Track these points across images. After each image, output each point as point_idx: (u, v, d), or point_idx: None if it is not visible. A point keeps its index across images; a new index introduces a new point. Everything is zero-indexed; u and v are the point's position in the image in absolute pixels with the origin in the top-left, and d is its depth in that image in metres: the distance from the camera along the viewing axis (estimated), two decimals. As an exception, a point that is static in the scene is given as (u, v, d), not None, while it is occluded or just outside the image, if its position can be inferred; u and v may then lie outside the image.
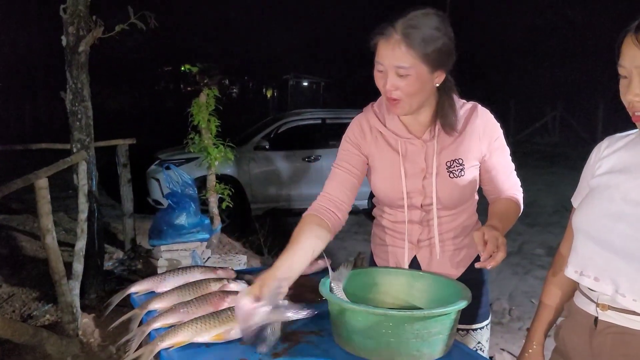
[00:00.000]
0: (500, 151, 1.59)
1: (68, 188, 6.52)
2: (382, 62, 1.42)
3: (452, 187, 1.55)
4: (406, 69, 1.39)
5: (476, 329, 1.68)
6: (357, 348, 1.26)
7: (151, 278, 1.71)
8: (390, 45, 1.39)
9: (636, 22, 1.05)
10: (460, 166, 1.54)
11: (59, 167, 3.27)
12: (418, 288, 1.47)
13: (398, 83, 1.42)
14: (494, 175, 1.59)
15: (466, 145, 1.55)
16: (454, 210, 1.61)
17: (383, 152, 1.58)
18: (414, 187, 1.56)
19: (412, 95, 1.44)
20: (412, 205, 1.59)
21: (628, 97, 1.08)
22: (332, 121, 7.43)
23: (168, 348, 1.31)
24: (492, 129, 1.57)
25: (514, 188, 1.62)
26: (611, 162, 1.20)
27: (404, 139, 1.55)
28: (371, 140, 1.60)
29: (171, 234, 3.47)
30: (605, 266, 1.12)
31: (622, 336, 1.10)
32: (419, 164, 1.55)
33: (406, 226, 1.61)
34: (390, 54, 1.39)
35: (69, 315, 3.18)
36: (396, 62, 1.39)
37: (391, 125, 1.57)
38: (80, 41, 3.60)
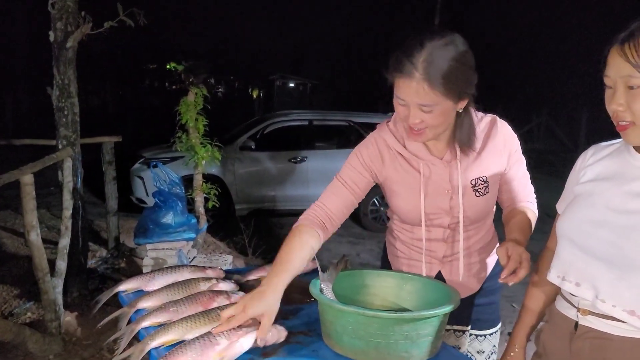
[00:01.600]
0: (518, 163, 1.60)
1: (49, 185, 6.44)
2: (404, 98, 1.39)
3: (478, 205, 1.56)
4: (430, 106, 1.37)
5: (492, 333, 1.73)
6: (347, 349, 1.27)
7: (140, 276, 1.70)
8: (412, 85, 1.35)
9: (622, 33, 1.08)
10: (484, 183, 1.54)
11: (45, 164, 3.23)
12: (407, 290, 1.48)
13: (422, 117, 1.39)
14: (513, 186, 1.60)
15: (489, 161, 1.55)
16: (477, 225, 1.62)
17: (403, 173, 1.56)
18: (440, 208, 1.55)
19: (436, 127, 1.42)
20: (439, 225, 1.58)
21: (612, 107, 1.11)
22: (319, 123, 7.44)
23: (158, 347, 1.32)
24: (512, 142, 1.58)
25: (529, 197, 1.63)
26: (596, 170, 1.23)
27: (425, 161, 1.54)
28: (389, 164, 1.57)
29: (157, 233, 3.44)
30: (587, 272, 1.15)
31: (601, 341, 1.13)
32: (444, 185, 1.54)
33: (423, 243, 1.61)
34: (413, 94, 1.36)
35: (52, 313, 3.15)
36: (420, 101, 1.36)
37: (411, 147, 1.54)
38: (68, 37, 3.57)
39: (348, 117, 7.30)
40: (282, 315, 1.50)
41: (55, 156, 3.48)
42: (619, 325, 1.11)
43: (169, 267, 1.73)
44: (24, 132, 9.46)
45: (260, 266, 1.86)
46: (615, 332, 1.12)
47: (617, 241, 1.10)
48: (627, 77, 1.06)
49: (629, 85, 1.06)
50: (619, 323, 1.11)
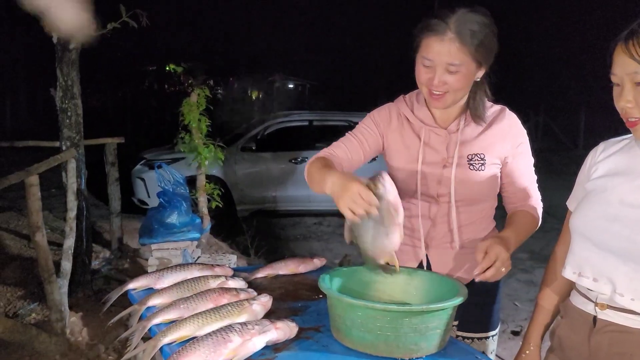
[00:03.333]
0: (522, 157, 1.61)
1: (51, 187, 6.46)
2: (433, 59, 1.45)
3: (470, 180, 1.56)
4: (457, 66, 1.44)
5: (482, 338, 1.71)
6: (356, 342, 1.29)
7: (149, 274, 1.72)
8: (444, 43, 1.42)
9: (626, 31, 1.10)
10: (481, 160, 1.57)
11: (49, 165, 3.25)
12: (414, 285, 1.50)
13: (447, 79, 1.46)
14: (514, 180, 1.60)
15: (490, 141, 1.58)
16: (470, 207, 1.61)
17: (405, 137, 1.62)
18: (431, 175, 1.58)
19: (458, 91, 1.49)
20: (427, 194, 1.60)
21: (620, 104, 1.12)
22: (319, 123, 7.46)
23: (170, 343, 1.33)
24: (518, 132, 1.61)
25: (533, 200, 1.62)
26: (607, 165, 1.24)
27: (429, 127, 1.59)
28: (396, 127, 1.64)
29: (162, 233, 3.46)
30: (603, 267, 1.16)
31: (620, 334, 1.14)
32: (440, 153, 1.58)
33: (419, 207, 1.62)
34: (445, 51, 1.43)
35: (57, 314, 3.16)
36: (449, 60, 1.43)
37: (419, 113, 1.62)
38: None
39: (348, 118, 7.32)
40: (292, 312, 1.52)
41: (60, 157, 3.49)
42: (638, 319, 1.12)
43: (178, 265, 1.75)
44: (22, 134, 9.47)
45: (267, 264, 1.88)
46: (635, 326, 1.12)
47: (632, 235, 1.11)
48: (633, 73, 1.07)
49: (636, 81, 1.08)
50: (639, 316, 1.12)
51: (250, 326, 1.30)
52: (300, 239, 6.34)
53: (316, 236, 6.47)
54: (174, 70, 4.31)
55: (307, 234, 6.54)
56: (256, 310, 1.42)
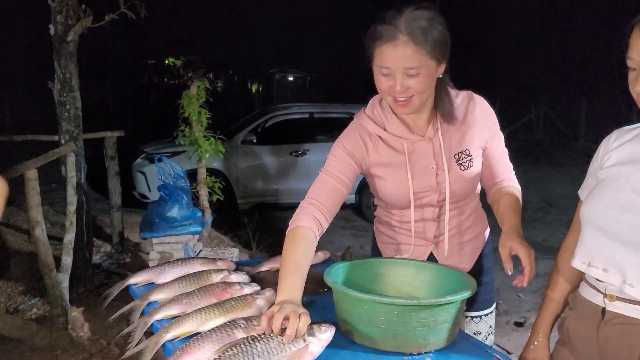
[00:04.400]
0: (497, 136, 1.61)
1: (51, 181, 6.43)
2: (390, 66, 1.38)
3: (463, 179, 1.55)
4: (417, 69, 1.37)
5: (487, 314, 1.72)
6: (363, 337, 1.26)
7: (150, 269, 1.69)
8: (398, 48, 1.35)
9: None
10: (468, 157, 1.55)
11: (48, 159, 3.22)
12: (421, 278, 1.47)
13: (408, 83, 1.39)
14: (494, 162, 1.61)
15: (470, 135, 1.55)
16: (464, 202, 1.62)
17: (387, 157, 1.55)
18: (427, 186, 1.55)
19: (422, 92, 1.42)
20: (428, 204, 1.58)
21: (637, 89, 1.09)
22: (320, 115, 7.42)
23: (173, 339, 1.30)
24: (490, 115, 1.59)
25: (508, 173, 1.64)
26: (620, 154, 1.21)
27: (408, 140, 1.53)
28: (373, 150, 1.56)
29: (163, 227, 3.43)
30: (613, 257, 1.13)
31: (629, 327, 1.12)
32: (429, 162, 1.54)
33: (412, 225, 1.61)
34: (400, 57, 1.36)
35: (58, 309, 3.14)
36: (407, 64, 1.36)
37: (392, 128, 1.54)
38: (68, 30, 3.54)
39: (349, 109, 7.28)
40: (297, 306, 1.49)
41: (59, 151, 3.46)
42: None
43: (180, 260, 1.72)
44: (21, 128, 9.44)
45: (271, 257, 1.85)
46: None
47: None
48: None
49: None
50: None
51: (255, 321, 1.27)
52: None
53: (318, 229, 6.43)
54: (174, 63, 4.27)
55: (308, 227, 6.49)
56: (260, 305, 1.39)
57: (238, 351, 1.14)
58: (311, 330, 1.19)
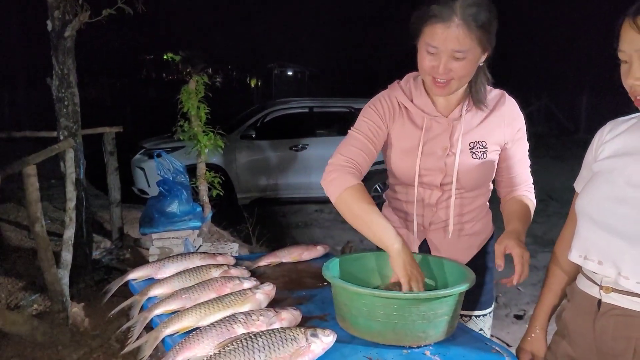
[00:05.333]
0: (520, 142, 1.60)
1: (51, 177, 6.42)
2: (438, 46, 1.40)
3: (473, 168, 1.55)
4: (464, 53, 1.39)
5: (479, 315, 1.69)
6: (363, 331, 1.26)
7: (150, 264, 1.69)
8: (450, 30, 1.37)
9: (634, 6, 1.06)
10: (483, 148, 1.55)
11: (47, 155, 3.21)
12: (422, 271, 1.47)
13: (452, 66, 1.41)
14: (511, 165, 1.60)
15: (491, 129, 1.56)
16: (470, 194, 1.61)
17: (406, 128, 1.57)
18: (434, 165, 1.56)
19: (463, 77, 1.45)
20: (431, 184, 1.58)
21: (629, 82, 1.08)
22: (319, 110, 7.41)
23: (172, 334, 1.30)
24: (517, 118, 1.59)
25: (527, 185, 1.64)
26: (614, 146, 1.21)
27: (430, 116, 1.55)
28: (398, 118, 1.58)
29: (163, 222, 3.43)
30: (608, 249, 1.13)
31: (625, 318, 1.12)
32: (443, 142, 1.55)
33: (415, 206, 1.61)
34: (452, 38, 1.37)
35: (59, 304, 3.14)
36: (456, 47, 1.38)
37: (419, 101, 1.56)
38: (66, 26, 3.53)
39: (348, 104, 7.27)
40: (296, 301, 1.49)
41: (58, 147, 3.45)
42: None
43: (179, 255, 1.72)
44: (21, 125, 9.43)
45: (270, 252, 1.85)
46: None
47: (639, 217, 1.08)
48: None
49: None
50: None
51: (254, 316, 1.27)
52: (301, 227, 6.33)
53: (317, 223, 6.45)
54: (172, 58, 4.26)
55: (308, 222, 6.52)
56: (260, 300, 1.39)
57: (238, 346, 1.14)
58: (314, 332, 1.19)
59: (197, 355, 1.18)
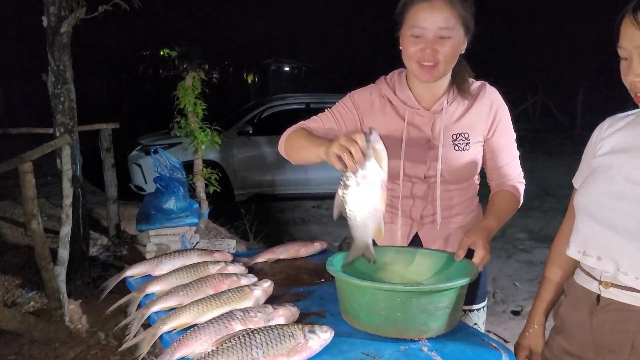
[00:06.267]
0: (505, 133, 1.60)
1: (46, 174, 6.41)
2: (424, 26, 1.43)
3: (456, 160, 1.56)
4: (449, 30, 1.42)
5: (473, 310, 1.69)
6: (365, 324, 1.27)
7: (147, 261, 1.69)
8: (434, 7, 1.41)
9: (634, 2, 1.06)
10: (465, 140, 1.56)
11: (44, 151, 3.20)
12: (427, 266, 1.47)
13: (438, 46, 1.43)
14: (496, 155, 1.61)
15: (473, 121, 1.57)
16: (456, 186, 1.62)
17: (388, 120, 1.59)
18: (417, 157, 1.57)
19: (449, 59, 1.47)
20: (415, 177, 1.59)
21: (629, 78, 1.09)
22: (317, 106, 7.38)
23: (170, 331, 1.30)
24: (500, 108, 1.60)
25: (516, 177, 1.63)
26: (613, 142, 1.21)
27: (412, 109, 1.57)
28: (379, 109, 1.60)
29: (160, 219, 3.42)
30: (607, 245, 1.13)
31: (623, 313, 1.12)
32: (425, 134, 1.56)
33: (399, 200, 1.61)
34: (436, 15, 1.41)
35: (56, 302, 3.14)
36: (441, 24, 1.41)
37: (401, 94, 1.59)
38: (62, 22, 3.51)
39: (345, 100, 7.26)
40: (294, 297, 1.49)
41: (54, 144, 3.44)
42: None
43: (176, 252, 1.72)
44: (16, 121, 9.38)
45: (268, 249, 1.85)
46: (638, 304, 1.11)
47: (637, 213, 1.08)
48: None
49: None
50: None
51: (252, 313, 1.27)
52: (299, 223, 6.32)
53: (315, 220, 6.45)
54: (168, 54, 4.26)
55: (306, 218, 6.51)
56: (257, 296, 1.39)
57: (236, 343, 1.14)
58: (312, 328, 1.19)
59: (195, 352, 1.18)
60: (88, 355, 2.97)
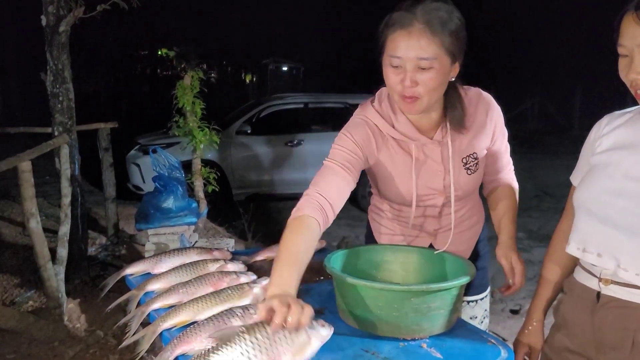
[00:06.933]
0: (502, 135, 1.59)
1: (44, 174, 6.40)
2: (402, 56, 1.30)
3: (470, 183, 1.55)
4: (430, 61, 1.29)
5: (483, 298, 1.74)
6: (359, 322, 1.28)
7: (147, 259, 1.69)
8: (412, 36, 1.29)
9: (636, 0, 1.06)
10: (474, 160, 1.53)
11: (42, 150, 3.20)
12: (428, 266, 1.48)
13: (419, 78, 1.31)
14: (496, 158, 1.61)
15: (477, 138, 1.52)
16: (465, 200, 1.63)
17: (395, 157, 1.50)
18: (433, 189, 1.53)
19: (433, 91, 1.34)
20: (432, 205, 1.57)
21: (631, 76, 1.08)
22: (315, 105, 7.40)
23: (170, 328, 1.31)
24: (497, 116, 1.55)
25: (508, 169, 1.65)
26: (611, 139, 1.21)
27: (417, 142, 1.48)
28: (382, 147, 1.50)
29: (158, 218, 3.42)
30: (607, 242, 1.14)
31: (624, 310, 1.13)
32: (436, 166, 1.50)
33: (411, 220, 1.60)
34: (414, 45, 1.29)
35: (55, 301, 3.14)
36: (420, 54, 1.29)
37: (400, 127, 1.47)
38: (60, 21, 3.51)
39: (344, 99, 7.26)
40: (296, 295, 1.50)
41: (52, 143, 3.44)
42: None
43: (176, 250, 1.72)
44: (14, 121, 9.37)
45: (267, 247, 1.85)
46: (639, 301, 1.11)
47: (636, 210, 1.09)
48: None
49: None
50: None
51: (252, 310, 1.27)
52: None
53: (313, 219, 6.43)
54: (167, 54, 4.26)
55: (304, 217, 6.50)
56: (257, 294, 1.40)
57: (237, 339, 1.14)
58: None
59: (195, 348, 1.18)
60: (87, 354, 2.97)
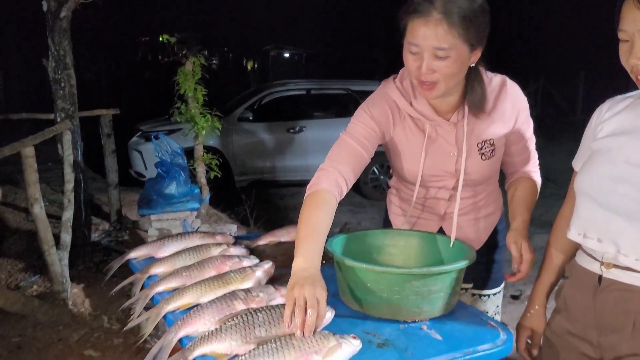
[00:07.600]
0: (526, 125, 1.56)
1: (47, 161, 6.41)
2: (419, 44, 1.31)
3: (483, 169, 1.53)
4: (446, 51, 1.29)
5: (496, 293, 1.72)
6: (360, 305, 1.29)
7: (150, 244, 1.71)
8: (429, 25, 1.28)
9: None
10: (491, 147, 1.51)
11: (45, 136, 3.21)
12: (430, 250, 1.49)
13: (436, 65, 1.32)
14: (517, 148, 1.58)
15: (497, 125, 1.50)
16: (479, 186, 1.61)
17: (410, 135, 1.51)
18: (444, 171, 1.53)
19: (450, 78, 1.35)
20: (443, 187, 1.56)
21: (632, 61, 1.08)
22: (317, 92, 7.38)
23: (174, 311, 1.33)
24: (521, 105, 1.53)
25: (532, 164, 1.62)
26: (613, 124, 1.21)
27: (432, 122, 1.49)
28: (398, 123, 1.51)
29: (161, 203, 3.44)
30: (607, 227, 1.14)
31: (625, 293, 1.14)
32: (449, 148, 1.50)
33: (414, 199, 1.60)
34: (430, 34, 1.28)
35: (59, 285, 3.17)
36: (436, 44, 1.29)
37: (418, 106, 1.48)
38: (62, 6, 3.50)
39: (346, 85, 7.24)
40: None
41: (55, 129, 3.45)
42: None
43: (179, 234, 1.74)
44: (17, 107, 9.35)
45: (269, 231, 1.86)
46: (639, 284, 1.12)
47: (637, 195, 1.09)
48: None
49: None
50: None
51: (254, 293, 1.29)
52: (299, 208, 6.33)
53: (315, 205, 6.45)
54: (168, 40, 4.24)
55: (306, 204, 6.51)
56: (259, 277, 1.41)
57: (239, 321, 1.16)
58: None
59: (199, 330, 1.20)
60: (91, 338, 3.00)
